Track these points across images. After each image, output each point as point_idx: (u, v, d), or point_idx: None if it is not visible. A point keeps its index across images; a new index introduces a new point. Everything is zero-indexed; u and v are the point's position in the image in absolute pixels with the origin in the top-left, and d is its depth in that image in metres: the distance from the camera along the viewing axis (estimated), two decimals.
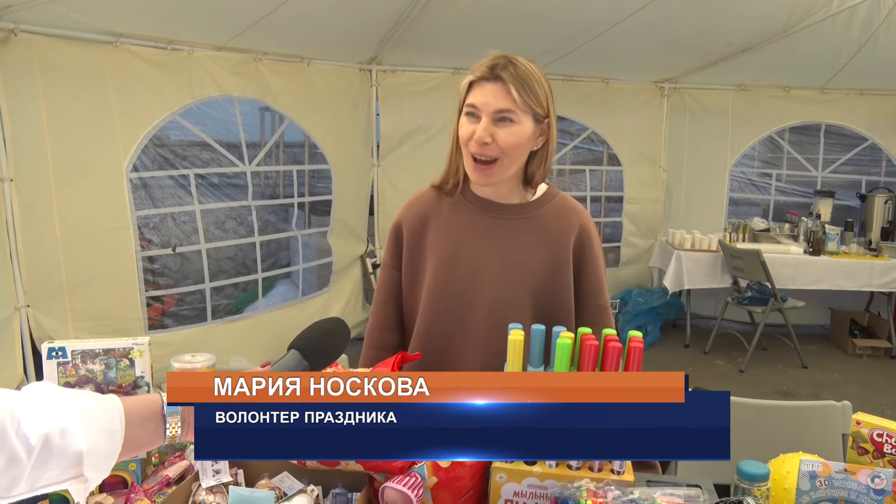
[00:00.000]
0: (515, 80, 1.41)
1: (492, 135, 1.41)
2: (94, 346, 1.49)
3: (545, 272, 1.50)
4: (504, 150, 1.42)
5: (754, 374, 4.93)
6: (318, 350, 1.07)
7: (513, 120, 1.41)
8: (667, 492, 1.17)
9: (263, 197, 5.22)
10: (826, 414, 1.90)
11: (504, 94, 1.40)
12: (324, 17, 3.98)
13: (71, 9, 3.28)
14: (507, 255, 1.50)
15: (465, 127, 1.44)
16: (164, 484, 1.35)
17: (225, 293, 4.78)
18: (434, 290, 1.52)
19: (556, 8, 4.18)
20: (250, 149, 4.49)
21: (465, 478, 1.29)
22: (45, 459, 0.81)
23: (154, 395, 0.96)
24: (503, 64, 1.42)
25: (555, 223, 1.53)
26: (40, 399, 0.85)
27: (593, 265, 1.55)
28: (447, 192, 1.56)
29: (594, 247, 1.55)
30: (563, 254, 1.51)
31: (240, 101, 4.34)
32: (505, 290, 1.49)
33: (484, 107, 1.41)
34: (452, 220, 1.54)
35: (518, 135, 1.42)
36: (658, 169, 5.95)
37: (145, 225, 4.29)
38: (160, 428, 0.93)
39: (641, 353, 1.23)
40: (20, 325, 3.44)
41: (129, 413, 0.90)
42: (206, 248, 4.25)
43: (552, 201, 1.56)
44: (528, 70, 1.43)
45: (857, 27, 4.48)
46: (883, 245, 5.37)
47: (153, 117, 3.82)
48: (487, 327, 1.48)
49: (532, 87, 1.42)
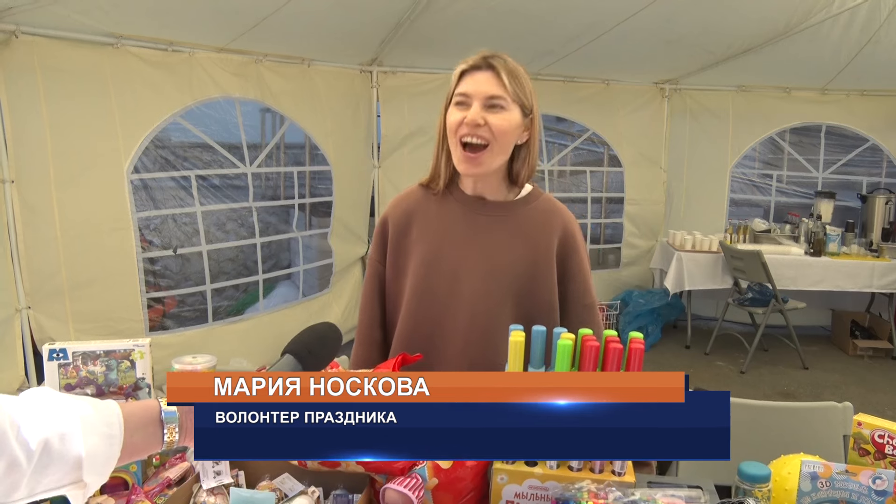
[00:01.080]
0: (506, 69, 1.46)
1: (484, 119, 1.43)
2: (94, 348, 1.49)
3: (526, 271, 1.51)
4: (495, 134, 1.44)
5: (755, 375, 4.93)
6: (313, 354, 1.08)
7: (503, 107, 1.44)
8: (668, 493, 1.17)
9: (264, 198, 5.23)
10: (827, 415, 1.89)
11: (496, 81, 1.45)
12: (324, 18, 3.99)
13: (72, 10, 3.28)
14: (489, 252, 1.52)
15: (454, 115, 1.47)
16: (164, 485, 1.35)
17: (226, 294, 4.79)
18: (417, 287, 1.53)
19: (557, 9, 4.19)
20: (251, 150, 4.50)
21: (466, 479, 1.29)
22: (45, 464, 0.82)
23: (152, 401, 0.96)
24: (494, 55, 1.48)
25: (538, 223, 1.55)
26: (40, 404, 0.85)
27: (578, 266, 1.56)
28: (434, 192, 1.58)
29: (578, 248, 1.57)
30: (544, 254, 1.52)
31: (241, 102, 4.34)
32: (486, 288, 1.50)
33: (476, 93, 1.45)
34: (437, 218, 1.56)
35: (508, 121, 1.45)
36: (659, 170, 5.95)
37: (146, 226, 4.29)
38: (158, 433, 0.94)
39: (642, 354, 1.23)
40: (21, 326, 3.45)
41: (127, 418, 0.90)
42: (206, 249, 4.25)
43: (536, 201, 1.58)
44: (515, 64, 1.49)
45: (858, 28, 4.48)
46: (884, 246, 5.36)
47: (154, 119, 3.82)
48: (469, 324, 1.49)
49: (521, 79, 1.48)
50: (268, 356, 4.30)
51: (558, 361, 1.24)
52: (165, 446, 0.95)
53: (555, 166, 6.00)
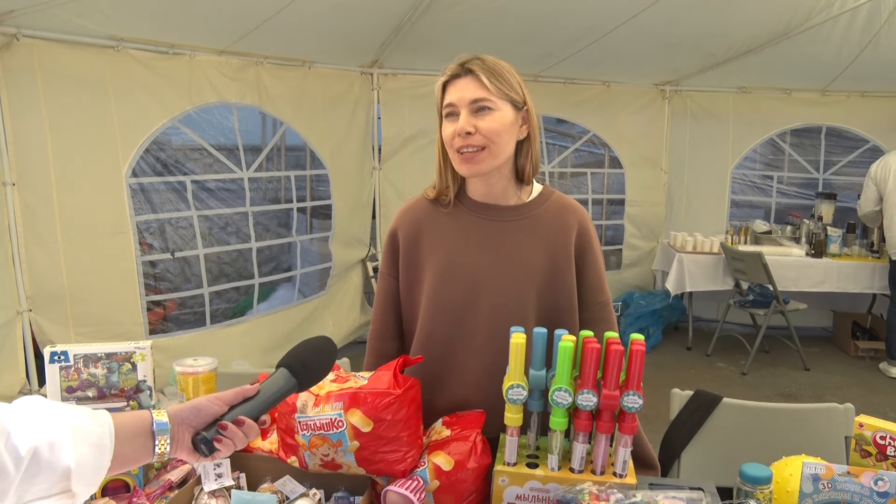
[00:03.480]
0: (485, 70, 1.43)
1: (473, 125, 1.41)
2: (96, 350, 1.49)
3: (546, 273, 1.49)
4: (488, 136, 1.42)
5: (756, 377, 4.92)
6: (307, 368, 1.08)
7: (491, 108, 1.42)
8: (669, 495, 1.17)
9: (265, 201, 5.23)
10: (828, 416, 1.89)
11: (476, 84, 1.42)
12: (325, 20, 3.99)
13: (73, 13, 3.29)
14: (506, 258, 1.49)
15: (447, 128, 1.45)
16: (166, 488, 1.35)
17: (227, 297, 4.79)
18: (434, 298, 1.51)
19: (557, 12, 4.19)
20: (251, 153, 4.50)
21: (468, 481, 1.29)
22: (34, 473, 0.81)
23: (144, 412, 0.96)
24: (470, 59, 1.45)
25: (553, 222, 1.53)
26: (31, 412, 0.85)
27: (594, 262, 1.54)
28: (443, 205, 1.56)
29: (593, 244, 1.55)
30: (563, 253, 1.51)
31: (238, 107, 4.34)
32: (506, 294, 1.48)
33: (460, 101, 1.42)
34: (449, 228, 1.53)
35: (499, 121, 1.43)
36: (659, 171, 5.95)
37: (146, 230, 4.29)
38: (149, 444, 0.94)
39: (643, 355, 1.23)
40: (22, 329, 3.45)
41: (118, 429, 0.90)
42: (203, 252, 4.25)
43: (549, 201, 1.56)
44: (496, 62, 1.46)
45: (859, 29, 4.48)
46: (885, 247, 5.35)
47: (153, 123, 3.83)
48: (489, 332, 1.47)
49: (503, 75, 1.44)
50: (266, 358, 4.30)
51: (559, 364, 1.24)
52: (157, 458, 0.95)
53: (555, 168, 6.01)
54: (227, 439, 0.99)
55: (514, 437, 1.28)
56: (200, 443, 0.98)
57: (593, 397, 1.22)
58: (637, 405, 1.22)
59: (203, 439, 0.97)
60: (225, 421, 0.99)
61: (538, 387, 1.28)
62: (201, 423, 0.99)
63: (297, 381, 1.06)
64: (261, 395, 1.04)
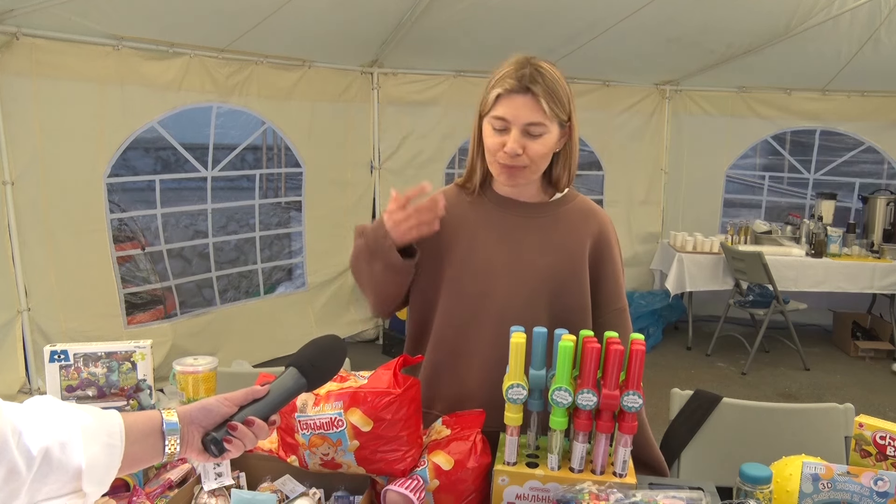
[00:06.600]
0: (545, 92, 1.39)
1: (523, 147, 1.40)
2: (96, 350, 1.49)
3: (560, 273, 1.50)
4: (533, 159, 1.42)
5: (756, 377, 4.92)
6: (316, 367, 1.08)
7: (542, 133, 1.41)
8: (669, 494, 1.17)
9: (267, 197, 5.24)
10: (828, 416, 1.89)
11: (534, 106, 1.39)
12: (325, 19, 3.99)
13: (73, 13, 3.29)
14: (519, 253, 1.50)
15: (493, 138, 1.43)
16: (166, 487, 1.35)
17: (228, 296, 4.79)
18: (450, 285, 1.52)
19: (557, 7, 4.19)
20: (252, 152, 4.50)
21: (468, 480, 1.29)
22: (45, 473, 0.81)
23: (154, 412, 0.96)
24: (531, 74, 1.39)
25: (572, 225, 1.53)
26: (42, 412, 0.85)
27: (612, 269, 1.54)
28: (469, 191, 1.57)
29: (613, 250, 1.55)
30: (579, 256, 1.51)
31: (237, 107, 4.34)
32: (518, 288, 1.48)
33: (515, 120, 1.40)
34: (470, 218, 1.54)
35: (547, 144, 1.43)
36: (659, 171, 5.95)
37: (147, 228, 4.30)
38: (159, 444, 0.94)
39: (643, 355, 1.23)
40: (22, 328, 3.45)
41: (129, 429, 0.90)
42: (207, 244, 4.25)
43: (572, 202, 1.56)
44: (553, 77, 1.41)
45: (859, 29, 4.48)
46: (885, 247, 5.36)
47: (136, 123, 3.84)
48: (498, 324, 1.46)
49: (559, 95, 1.41)
50: (227, 350, 4.23)
51: (559, 363, 1.24)
52: (166, 458, 0.95)
53: None
54: (237, 440, 0.99)
55: (514, 436, 1.28)
56: (210, 443, 0.98)
57: (593, 397, 1.22)
58: (637, 405, 1.22)
59: (213, 440, 0.97)
60: (235, 421, 0.99)
61: (538, 386, 1.28)
62: (211, 424, 0.99)
63: (307, 380, 1.06)
64: (270, 395, 1.03)
